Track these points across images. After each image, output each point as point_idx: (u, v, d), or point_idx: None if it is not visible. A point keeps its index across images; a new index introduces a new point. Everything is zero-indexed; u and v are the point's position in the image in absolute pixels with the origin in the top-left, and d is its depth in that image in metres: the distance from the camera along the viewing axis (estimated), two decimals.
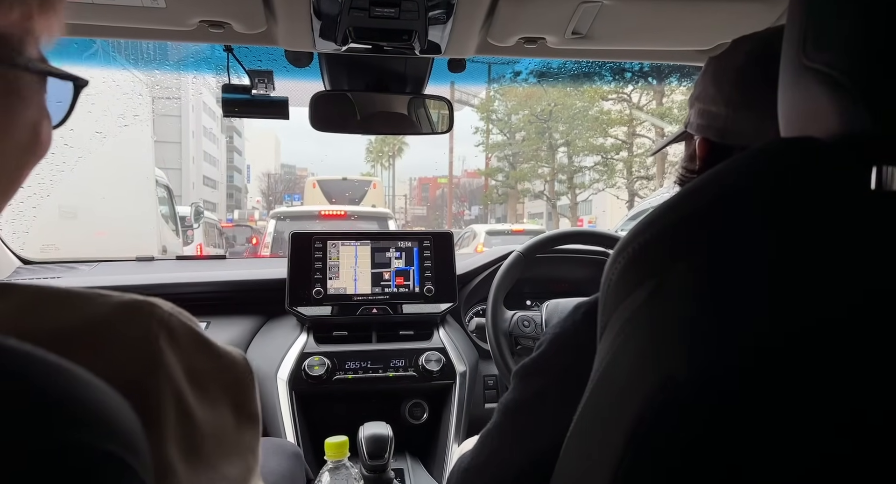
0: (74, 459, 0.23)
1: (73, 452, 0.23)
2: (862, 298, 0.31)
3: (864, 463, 0.28)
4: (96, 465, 0.23)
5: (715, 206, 0.37)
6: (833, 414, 0.29)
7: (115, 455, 0.24)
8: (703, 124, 0.61)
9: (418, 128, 1.25)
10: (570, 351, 0.54)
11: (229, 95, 1.11)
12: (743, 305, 0.33)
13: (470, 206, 33.89)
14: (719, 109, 0.59)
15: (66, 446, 0.22)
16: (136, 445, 0.26)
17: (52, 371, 0.24)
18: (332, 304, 1.45)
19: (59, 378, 0.24)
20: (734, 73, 0.59)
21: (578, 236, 1.40)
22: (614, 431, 0.35)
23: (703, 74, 0.64)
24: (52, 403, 0.23)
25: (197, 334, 0.40)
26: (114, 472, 0.24)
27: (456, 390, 1.39)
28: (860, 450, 0.29)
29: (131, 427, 0.26)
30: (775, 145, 0.38)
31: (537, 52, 1.06)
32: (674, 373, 0.33)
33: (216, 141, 35.45)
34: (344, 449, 0.95)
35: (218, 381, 0.42)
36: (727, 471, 0.30)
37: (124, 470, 0.24)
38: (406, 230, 3.25)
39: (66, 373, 0.25)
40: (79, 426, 0.23)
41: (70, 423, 0.23)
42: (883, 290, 0.31)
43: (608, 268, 0.42)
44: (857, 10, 0.35)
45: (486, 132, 23.07)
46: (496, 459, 0.54)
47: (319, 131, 1.15)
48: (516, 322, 1.29)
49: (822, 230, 0.34)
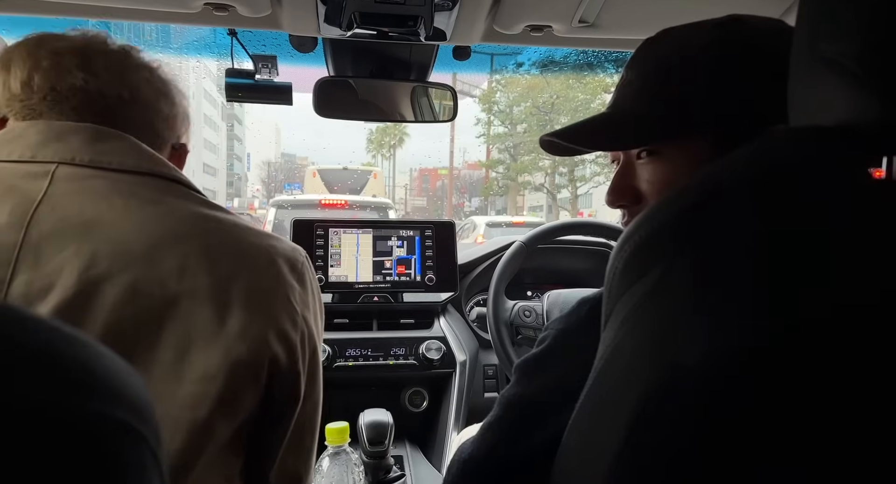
0: (84, 425, 0.23)
1: (83, 418, 0.23)
2: (874, 289, 0.31)
3: (872, 453, 0.28)
4: (106, 432, 0.24)
5: (725, 194, 0.37)
6: (840, 406, 0.29)
7: (126, 423, 0.24)
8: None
9: (421, 116, 1.24)
10: (574, 348, 0.53)
11: (233, 80, 1.10)
12: (752, 293, 0.33)
13: (470, 198, 33.86)
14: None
15: (76, 413, 0.23)
16: (146, 414, 0.26)
17: (64, 340, 0.24)
18: (333, 291, 1.45)
19: (72, 348, 0.24)
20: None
21: (580, 227, 1.40)
22: (617, 417, 0.35)
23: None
24: (62, 371, 0.23)
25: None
26: (124, 439, 0.24)
27: (456, 379, 1.40)
28: (869, 440, 0.28)
29: (141, 396, 0.27)
30: (785, 133, 0.38)
31: (543, 40, 1.05)
32: (679, 359, 0.33)
33: (217, 128, 35.34)
34: (344, 435, 0.95)
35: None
36: (730, 456, 0.30)
37: (135, 438, 0.25)
38: (408, 219, 3.23)
39: (76, 342, 0.25)
40: (88, 393, 0.24)
41: (80, 390, 0.23)
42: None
43: (614, 256, 0.42)
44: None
45: (487, 123, 23.00)
46: (496, 452, 0.54)
47: (323, 117, 1.15)
48: (517, 312, 1.29)
49: (833, 220, 0.33)
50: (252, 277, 0.57)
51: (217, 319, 0.54)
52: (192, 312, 0.53)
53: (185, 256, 0.54)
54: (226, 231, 0.59)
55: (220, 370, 0.53)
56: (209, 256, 0.55)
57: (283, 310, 0.59)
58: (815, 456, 0.29)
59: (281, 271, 0.60)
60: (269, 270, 0.60)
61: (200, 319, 0.53)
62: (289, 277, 0.61)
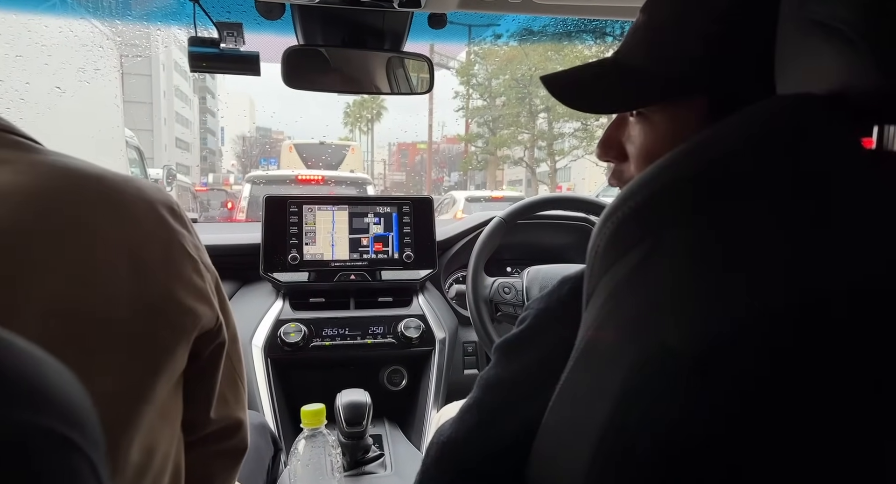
0: (3, 435, 0.21)
1: (2, 428, 0.21)
2: (880, 260, 0.29)
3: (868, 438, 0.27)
4: (30, 442, 0.22)
5: (712, 168, 0.35)
6: (843, 388, 0.28)
7: (54, 431, 0.23)
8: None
9: (397, 87, 1.20)
10: (555, 328, 0.52)
11: (196, 49, 1.04)
12: (741, 271, 0.31)
13: (449, 173, 33.71)
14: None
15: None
16: (80, 420, 0.25)
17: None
18: (308, 270, 1.42)
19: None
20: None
21: (560, 202, 1.38)
22: (600, 399, 0.33)
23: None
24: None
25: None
26: (52, 448, 0.23)
27: (435, 357, 1.39)
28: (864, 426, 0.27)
29: (74, 401, 0.25)
30: (773, 102, 0.36)
31: (522, 7, 1.01)
32: (666, 339, 0.31)
33: (188, 102, 34.43)
34: (320, 417, 0.94)
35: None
36: (717, 437, 0.29)
37: (65, 447, 0.23)
38: (385, 195, 3.17)
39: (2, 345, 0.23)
40: (7, 401, 0.22)
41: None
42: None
43: (596, 232, 0.40)
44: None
45: (466, 97, 22.79)
46: (475, 434, 0.53)
47: (292, 88, 1.10)
48: (497, 289, 1.27)
49: (825, 192, 0.32)
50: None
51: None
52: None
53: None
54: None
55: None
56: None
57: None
58: (807, 438, 0.28)
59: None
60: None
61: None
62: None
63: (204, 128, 39.23)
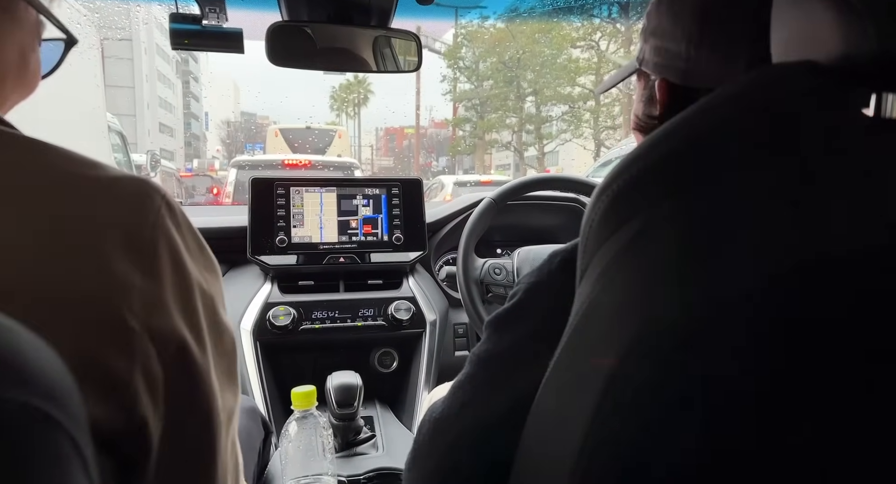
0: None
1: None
2: (873, 231, 0.29)
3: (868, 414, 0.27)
4: (9, 419, 0.22)
5: (707, 140, 0.35)
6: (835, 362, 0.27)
7: (36, 408, 0.23)
8: (661, 63, 0.55)
9: (384, 66, 1.17)
10: (546, 301, 0.51)
11: (178, 26, 1.01)
12: (736, 244, 0.31)
13: (438, 157, 33.55)
14: (679, 47, 0.53)
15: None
16: (64, 399, 0.24)
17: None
18: (297, 252, 1.40)
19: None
20: (697, 5, 0.53)
21: (550, 182, 1.37)
22: (593, 375, 0.33)
23: (656, 5, 0.56)
24: None
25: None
26: (33, 426, 0.23)
27: (426, 339, 1.38)
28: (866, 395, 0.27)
29: (57, 380, 0.25)
30: (770, 70, 0.35)
31: None
32: (660, 314, 0.31)
33: (172, 86, 33.85)
34: (311, 398, 0.93)
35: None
36: (709, 415, 0.28)
37: (47, 424, 0.23)
38: (374, 177, 3.14)
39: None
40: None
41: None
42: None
43: (589, 209, 0.40)
44: None
45: (453, 80, 22.61)
46: (468, 410, 0.52)
47: (277, 66, 1.07)
48: (487, 270, 1.27)
49: (823, 159, 0.31)
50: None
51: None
52: None
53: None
54: None
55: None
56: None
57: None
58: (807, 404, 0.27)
59: None
60: None
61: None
62: None
63: (188, 112, 38.67)
